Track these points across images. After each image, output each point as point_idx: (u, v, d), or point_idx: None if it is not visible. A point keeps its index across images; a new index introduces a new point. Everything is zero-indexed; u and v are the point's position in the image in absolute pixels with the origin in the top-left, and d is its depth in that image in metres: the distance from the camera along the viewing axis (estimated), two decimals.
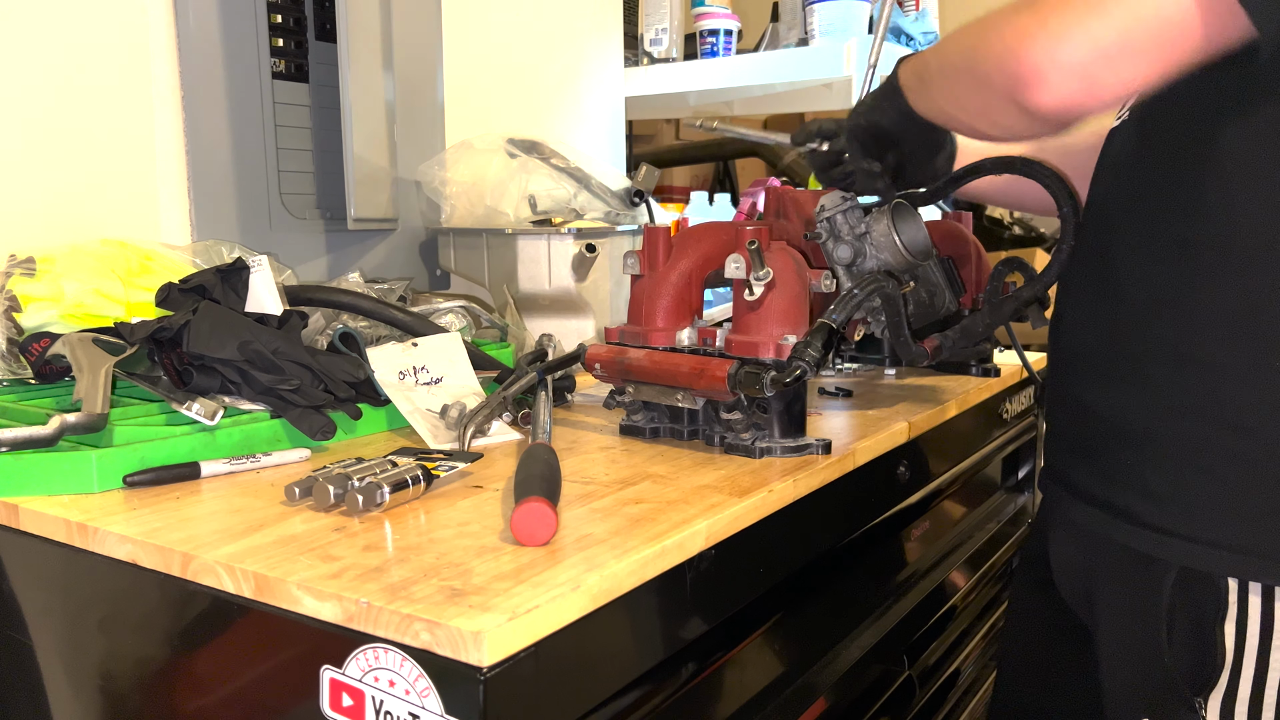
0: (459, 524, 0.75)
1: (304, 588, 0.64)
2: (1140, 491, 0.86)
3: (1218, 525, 0.82)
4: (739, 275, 0.93)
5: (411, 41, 1.52)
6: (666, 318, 0.99)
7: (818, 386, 1.28)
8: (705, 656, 0.85)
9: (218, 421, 0.88)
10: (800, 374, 0.89)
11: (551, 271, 1.37)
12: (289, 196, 1.42)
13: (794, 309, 0.94)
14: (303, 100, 1.43)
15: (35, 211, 1.18)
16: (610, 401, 1.05)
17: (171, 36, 1.29)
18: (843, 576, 1.10)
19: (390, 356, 1.02)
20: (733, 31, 2.08)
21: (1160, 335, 0.85)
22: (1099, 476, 0.91)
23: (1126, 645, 0.90)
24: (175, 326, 0.92)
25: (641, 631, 0.73)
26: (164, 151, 1.30)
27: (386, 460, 0.84)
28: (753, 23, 2.36)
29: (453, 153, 1.54)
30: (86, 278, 1.07)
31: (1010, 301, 1.12)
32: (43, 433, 0.82)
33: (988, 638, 1.45)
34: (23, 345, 1.01)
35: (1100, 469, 0.90)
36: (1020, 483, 1.66)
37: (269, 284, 1.04)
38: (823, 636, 1.06)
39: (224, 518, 0.77)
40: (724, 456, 0.95)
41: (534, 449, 0.82)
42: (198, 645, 0.73)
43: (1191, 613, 0.84)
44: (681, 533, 0.74)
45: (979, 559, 1.43)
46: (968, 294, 1.33)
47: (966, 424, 1.30)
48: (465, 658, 0.57)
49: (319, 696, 0.64)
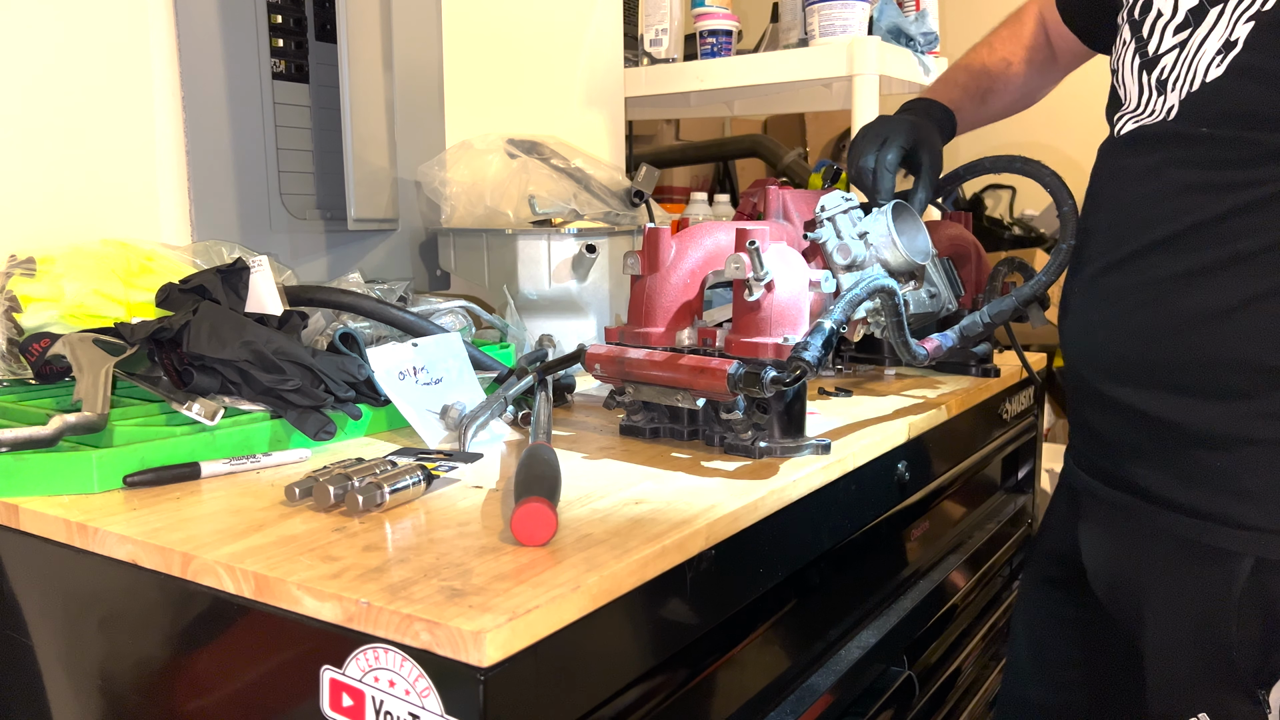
0: (459, 524, 0.75)
1: (304, 588, 0.64)
2: (1232, 492, 0.88)
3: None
4: (739, 275, 0.93)
5: (411, 41, 1.52)
6: (666, 318, 0.99)
7: (818, 387, 1.28)
8: (705, 657, 0.85)
9: (218, 422, 0.88)
10: (800, 374, 0.89)
11: (551, 271, 1.37)
12: (289, 196, 1.42)
13: (794, 309, 0.94)
14: (303, 100, 1.43)
15: (35, 211, 1.18)
16: (610, 401, 1.05)
17: (171, 36, 1.29)
18: (843, 576, 1.10)
19: (390, 356, 1.02)
20: (732, 32, 2.08)
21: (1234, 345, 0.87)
22: (1174, 478, 0.92)
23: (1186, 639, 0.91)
24: (175, 326, 0.92)
25: (641, 632, 0.73)
26: (164, 151, 1.29)
27: (386, 460, 0.84)
28: (753, 23, 2.36)
29: (453, 153, 1.54)
30: (86, 278, 1.07)
31: (1010, 301, 1.12)
32: (43, 433, 0.82)
33: (988, 637, 1.45)
34: (23, 345, 1.01)
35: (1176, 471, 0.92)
36: (1020, 483, 1.66)
37: (269, 284, 1.04)
38: (823, 636, 1.06)
39: (224, 518, 0.77)
40: (724, 457, 0.95)
41: (534, 449, 0.82)
42: (198, 645, 0.73)
43: (1263, 604, 0.86)
44: (681, 533, 0.74)
45: (979, 559, 1.43)
46: (968, 294, 1.33)
47: (966, 424, 1.30)
48: (465, 658, 0.57)
49: (319, 697, 0.64)
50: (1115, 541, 1.00)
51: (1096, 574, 1.03)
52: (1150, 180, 0.93)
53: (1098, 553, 1.02)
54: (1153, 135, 0.93)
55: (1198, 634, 0.90)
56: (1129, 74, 0.96)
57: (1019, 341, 1.34)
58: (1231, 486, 0.88)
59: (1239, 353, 0.87)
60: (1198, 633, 0.90)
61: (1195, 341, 0.89)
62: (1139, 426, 0.94)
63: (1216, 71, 0.87)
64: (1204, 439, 0.89)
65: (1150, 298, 0.92)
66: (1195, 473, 0.90)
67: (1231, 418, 0.88)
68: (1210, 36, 0.87)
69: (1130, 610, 0.98)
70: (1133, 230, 0.94)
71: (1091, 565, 1.04)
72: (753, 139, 3.04)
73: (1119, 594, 1.00)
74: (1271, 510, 0.86)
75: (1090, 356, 1.00)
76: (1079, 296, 1.01)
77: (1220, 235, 0.88)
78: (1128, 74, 0.96)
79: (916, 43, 1.97)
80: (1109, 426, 0.99)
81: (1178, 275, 0.90)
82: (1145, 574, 0.95)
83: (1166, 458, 0.92)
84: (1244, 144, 0.86)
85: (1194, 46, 0.89)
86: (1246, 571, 0.86)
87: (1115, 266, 0.96)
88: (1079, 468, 1.06)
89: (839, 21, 1.89)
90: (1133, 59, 0.96)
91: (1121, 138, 0.98)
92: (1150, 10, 0.93)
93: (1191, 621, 0.90)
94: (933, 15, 2.02)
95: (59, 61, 1.20)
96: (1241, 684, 0.87)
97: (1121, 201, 0.97)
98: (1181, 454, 0.91)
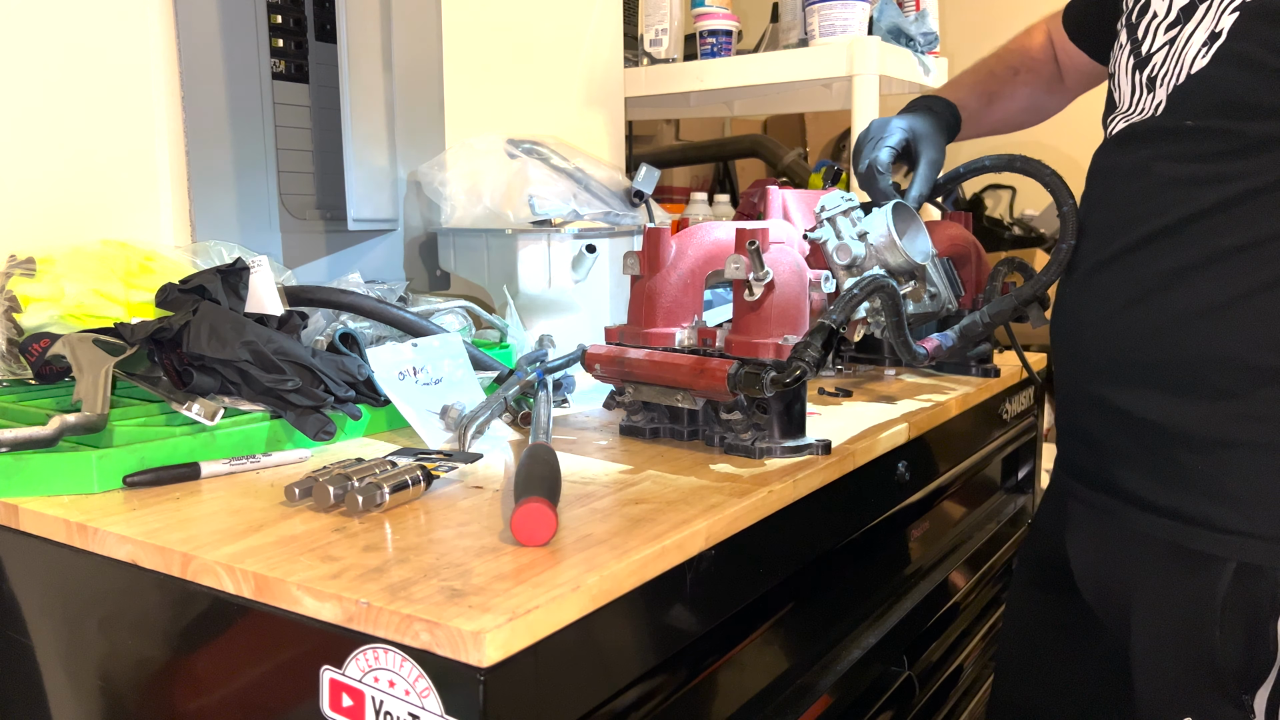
0: (459, 524, 0.75)
1: (304, 588, 0.64)
2: (1213, 495, 0.87)
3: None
4: (739, 275, 0.93)
5: (411, 41, 1.52)
6: (666, 318, 0.99)
7: (818, 387, 1.28)
8: (705, 657, 0.85)
9: (217, 422, 0.88)
10: (800, 374, 0.89)
11: (551, 271, 1.36)
12: (289, 197, 1.42)
13: (794, 309, 0.94)
14: (303, 100, 1.43)
15: (35, 211, 1.18)
16: (610, 402, 1.05)
17: (171, 37, 1.29)
18: (843, 576, 1.10)
19: (390, 356, 1.02)
20: (732, 32, 2.08)
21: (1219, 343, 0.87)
22: (1155, 480, 0.92)
23: (1171, 643, 0.91)
24: (175, 327, 0.92)
25: (641, 632, 0.73)
26: (164, 151, 1.29)
27: (386, 460, 0.84)
28: (753, 23, 2.36)
29: (453, 153, 1.54)
30: (86, 278, 1.07)
31: (1010, 301, 1.12)
32: (43, 433, 0.82)
33: (988, 638, 1.45)
34: (23, 345, 1.01)
35: (1157, 473, 0.91)
36: (1020, 483, 1.66)
37: (269, 284, 1.04)
38: (823, 636, 1.06)
39: (224, 518, 0.77)
40: (724, 457, 0.95)
41: (534, 449, 0.82)
42: (198, 646, 0.73)
43: (1246, 609, 0.85)
44: (681, 533, 0.74)
45: (979, 559, 1.43)
46: (968, 294, 1.33)
47: (966, 424, 1.30)
48: (465, 658, 0.57)
49: (319, 697, 0.64)
50: (1101, 545, 0.99)
51: (1084, 578, 1.03)
52: (1138, 177, 0.94)
53: (1085, 557, 1.02)
54: (1141, 132, 0.94)
55: (1182, 639, 0.89)
56: (1123, 75, 0.97)
57: (1019, 341, 1.34)
58: (1213, 490, 0.87)
59: (1224, 350, 0.86)
60: (1182, 637, 0.89)
61: (1181, 339, 0.89)
62: (1123, 428, 0.94)
63: (1202, 62, 0.87)
64: (1187, 440, 0.89)
65: (1137, 296, 0.92)
66: (1177, 475, 0.90)
67: (1215, 419, 0.87)
68: (1198, 30, 0.88)
69: (1117, 614, 0.98)
70: (1121, 228, 0.94)
71: (1079, 569, 1.03)
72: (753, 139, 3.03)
73: (1106, 598, 1.00)
74: (1253, 514, 0.85)
75: (1078, 356, 1.00)
76: (1070, 296, 1.01)
77: (1203, 231, 0.87)
78: (1122, 76, 0.97)
79: (916, 43, 1.97)
80: (1094, 428, 0.99)
81: (1164, 273, 0.90)
82: (1130, 578, 0.95)
83: (1150, 460, 0.92)
84: (1226, 135, 0.86)
85: (1182, 41, 0.89)
86: (1229, 576, 0.85)
87: (1104, 265, 0.96)
88: (1065, 471, 1.06)
89: (839, 21, 1.89)
90: (1128, 60, 0.96)
91: (1112, 138, 0.98)
92: (1147, 13, 0.93)
93: (1176, 626, 0.90)
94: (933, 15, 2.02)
95: (59, 62, 1.20)
96: (1226, 689, 0.86)
97: (1111, 200, 0.97)
98: (1164, 456, 0.91)
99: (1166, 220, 0.90)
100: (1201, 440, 0.88)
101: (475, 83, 1.70)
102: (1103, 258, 0.96)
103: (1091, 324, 0.97)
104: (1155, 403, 0.91)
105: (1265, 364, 0.85)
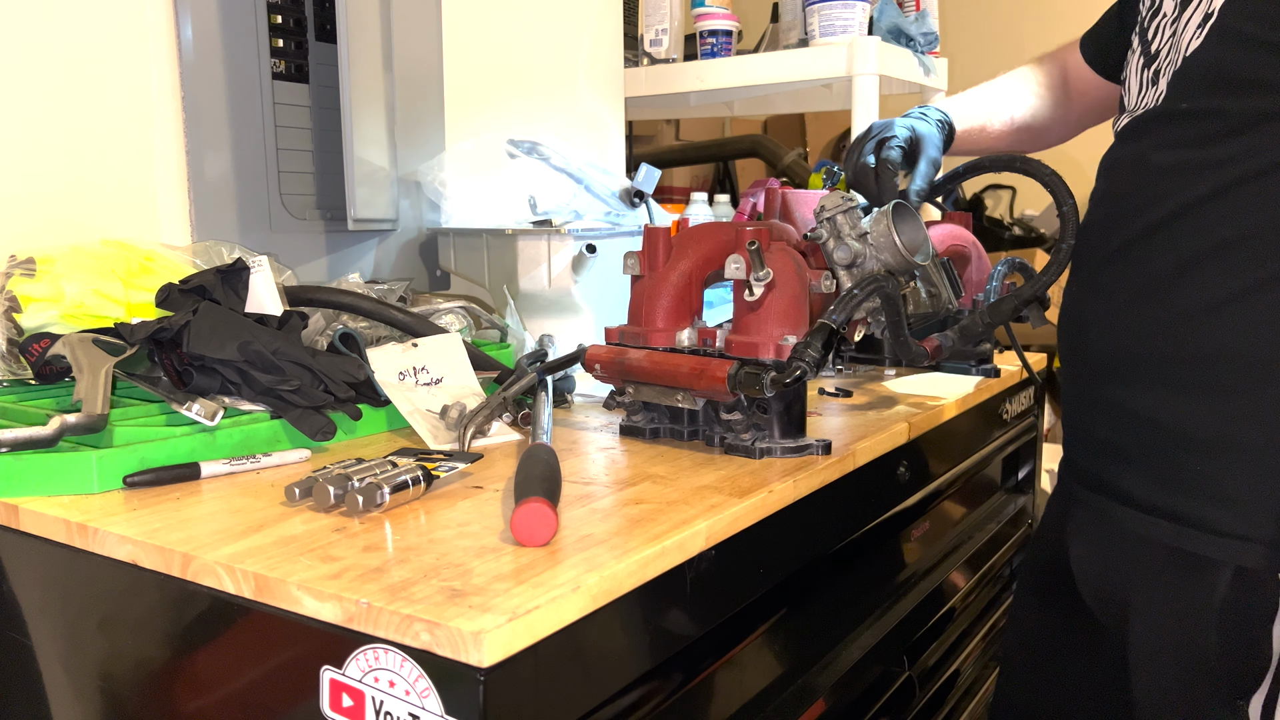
0: (459, 524, 0.75)
1: (304, 588, 0.64)
2: (1212, 497, 0.87)
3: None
4: (739, 276, 0.93)
5: (411, 41, 1.52)
6: (666, 318, 0.99)
7: (818, 387, 1.28)
8: (705, 657, 0.85)
9: (218, 422, 0.88)
10: (800, 374, 0.89)
11: (551, 271, 1.37)
12: (289, 197, 1.42)
13: (794, 309, 0.94)
14: (303, 100, 1.43)
15: (35, 211, 1.18)
16: (610, 402, 1.05)
17: (171, 37, 1.29)
18: (843, 576, 1.10)
19: (390, 357, 1.02)
20: (732, 32, 2.08)
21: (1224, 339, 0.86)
22: (1155, 482, 0.91)
23: (1168, 647, 0.91)
24: (175, 327, 0.92)
25: (641, 632, 0.73)
26: (164, 152, 1.29)
27: (386, 461, 0.84)
28: (753, 23, 2.36)
29: (453, 153, 1.54)
30: (86, 278, 1.07)
31: (1010, 301, 1.12)
32: (43, 433, 0.82)
33: (988, 638, 1.45)
34: (23, 346, 1.01)
35: (1158, 475, 0.91)
36: (1020, 483, 1.66)
37: (269, 284, 1.04)
38: (823, 637, 1.05)
39: (224, 518, 0.77)
40: (724, 457, 0.95)
41: (534, 449, 0.82)
42: (198, 646, 0.73)
43: (1243, 613, 0.85)
44: (681, 533, 0.74)
45: (979, 560, 1.43)
46: (968, 294, 1.33)
47: (966, 424, 1.30)
48: (465, 658, 0.57)
49: (319, 697, 0.64)
50: (1101, 548, 0.99)
51: (1085, 580, 1.03)
52: (1137, 168, 0.94)
53: (1085, 559, 1.02)
54: (1141, 123, 0.94)
55: (1180, 642, 0.89)
56: (1133, 77, 0.97)
57: (1019, 341, 1.34)
58: (1212, 491, 0.87)
59: (1230, 346, 0.86)
60: (1180, 641, 0.89)
61: (1185, 335, 0.88)
62: (1125, 427, 0.94)
63: (1195, 43, 0.88)
64: (1189, 440, 0.89)
65: (1141, 291, 0.92)
66: (1177, 476, 0.89)
67: (1217, 418, 0.87)
68: (1195, 14, 0.89)
69: (1117, 617, 0.98)
70: (1122, 221, 0.95)
71: (1080, 572, 1.03)
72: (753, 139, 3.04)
73: (1105, 601, 1.00)
74: (1252, 517, 0.85)
75: (1082, 354, 1.00)
76: (1076, 294, 1.01)
77: (1201, 222, 0.87)
78: (1132, 78, 0.97)
79: (916, 43, 1.97)
80: (1097, 427, 0.99)
81: (1167, 267, 0.90)
82: (1130, 581, 0.95)
83: (1150, 461, 0.92)
84: (1219, 115, 0.86)
85: (1181, 27, 0.90)
86: (1227, 580, 0.85)
87: (1108, 261, 0.96)
88: (1068, 473, 1.06)
89: (839, 22, 1.89)
90: (1138, 62, 0.97)
91: (1118, 134, 0.99)
92: (1159, 14, 0.94)
93: (1174, 629, 0.90)
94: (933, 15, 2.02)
95: (59, 62, 1.20)
96: (1222, 694, 0.86)
97: (1113, 194, 0.98)
98: (1164, 457, 0.91)
99: (1165, 210, 0.90)
100: (1204, 440, 0.88)
101: (475, 83, 1.70)
102: (1106, 253, 0.96)
103: (1095, 321, 0.97)
104: (1158, 400, 0.91)
105: (1270, 360, 0.85)
